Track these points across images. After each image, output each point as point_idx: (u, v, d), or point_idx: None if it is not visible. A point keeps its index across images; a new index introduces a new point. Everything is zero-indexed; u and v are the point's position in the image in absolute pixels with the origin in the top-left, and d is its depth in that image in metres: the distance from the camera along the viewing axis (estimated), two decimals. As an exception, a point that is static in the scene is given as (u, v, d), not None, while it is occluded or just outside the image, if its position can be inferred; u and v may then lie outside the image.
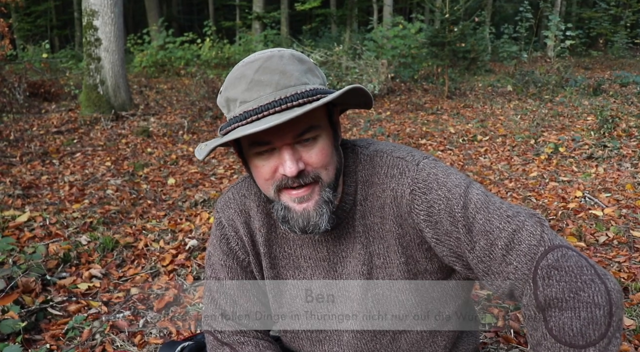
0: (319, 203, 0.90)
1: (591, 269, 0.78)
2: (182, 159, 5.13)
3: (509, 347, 1.90)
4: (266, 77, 0.83)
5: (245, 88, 0.84)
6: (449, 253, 0.90)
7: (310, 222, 0.91)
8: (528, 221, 0.83)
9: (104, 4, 6.96)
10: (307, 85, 0.85)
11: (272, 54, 0.86)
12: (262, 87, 0.83)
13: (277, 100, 0.82)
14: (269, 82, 0.83)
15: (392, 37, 10.72)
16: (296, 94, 0.83)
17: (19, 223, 3.18)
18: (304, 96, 0.83)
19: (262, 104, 0.83)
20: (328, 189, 0.91)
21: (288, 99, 0.82)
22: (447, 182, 0.90)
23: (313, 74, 0.89)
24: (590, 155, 4.55)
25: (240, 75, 0.86)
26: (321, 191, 0.90)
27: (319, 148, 0.89)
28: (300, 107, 0.81)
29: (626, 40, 16.76)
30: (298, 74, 0.85)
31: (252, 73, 0.84)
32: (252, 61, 0.86)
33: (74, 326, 2.09)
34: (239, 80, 0.86)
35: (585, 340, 0.75)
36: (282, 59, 0.85)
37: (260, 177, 0.92)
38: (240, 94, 0.85)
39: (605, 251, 2.65)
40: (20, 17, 20.87)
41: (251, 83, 0.84)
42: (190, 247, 2.88)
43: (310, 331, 1.08)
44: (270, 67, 0.84)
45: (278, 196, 0.92)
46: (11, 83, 7.63)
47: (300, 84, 0.84)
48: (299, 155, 0.87)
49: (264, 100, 0.83)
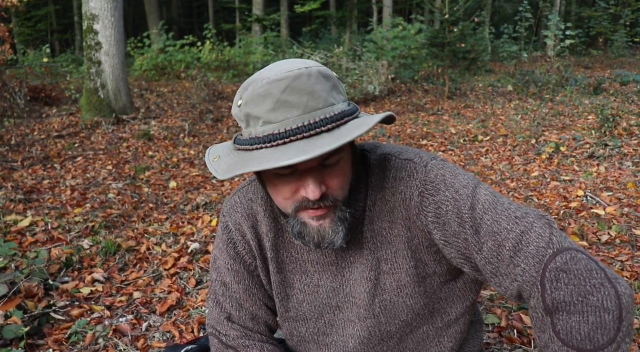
0: (334, 221, 0.89)
1: (601, 273, 0.77)
2: (183, 162, 5.13)
3: (512, 347, 1.90)
4: (294, 97, 0.79)
5: (270, 108, 0.79)
6: (457, 255, 0.90)
7: (325, 239, 0.90)
8: (537, 222, 0.83)
9: (104, 8, 6.97)
10: (334, 107, 0.81)
11: (300, 73, 0.80)
12: (289, 108, 0.79)
13: (306, 126, 0.78)
14: (297, 104, 0.79)
15: (392, 38, 10.73)
16: (325, 119, 0.79)
17: (21, 228, 3.18)
18: (332, 121, 0.80)
19: (289, 128, 0.78)
20: (344, 207, 0.90)
21: (317, 124, 0.79)
22: (454, 183, 0.89)
23: (337, 91, 0.85)
24: (591, 154, 4.55)
25: (265, 93, 0.80)
26: (337, 210, 0.90)
27: (342, 171, 0.88)
28: (328, 132, 0.79)
29: (626, 39, 16.75)
30: (325, 94, 0.81)
31: (278, 93, 0.79)
32: (279, 80, 0.79)
33: (76, 330, 2.09)
34: (264, 98, 0.80)
35: (593, 345, 0.74)
36: (310, 79, 0.80)
37: (278, 195, 0.90)
38: (265, 113, 0.80)
39: (607, 250, 2.65)
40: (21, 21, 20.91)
41: (277, 103, 0.79)
42: (193, 250, 2.88)
43: (316, 336, 1.08)
44: (298, 87, 0.79)
45: (295, 214, 0.90)
46: (12, 87, 7.63)
47: (328, 105, 0.81)
48: (321, 179, 0.86)
49: (292, 124, 0.79)
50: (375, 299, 0.99)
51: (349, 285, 1.01)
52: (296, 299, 1.06)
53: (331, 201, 0.88)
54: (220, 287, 1.09)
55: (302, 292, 1.06)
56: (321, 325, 1.06)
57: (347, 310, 1.03)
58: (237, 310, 1.08)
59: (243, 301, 1.08)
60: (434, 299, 1.00)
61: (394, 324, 1.01)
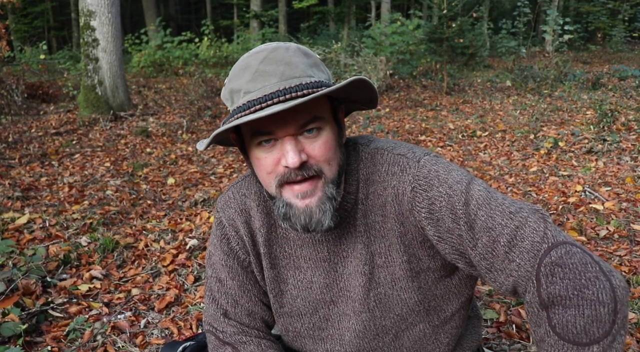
0: (322, 199, 0.88)
1: (596, 266, 0.77)
2: (181, 158, 5.12)
3: (511, 342, 1.90)
4: (271, 67, 0.83)
5: (249, 78, 0.84)
6: (451, 250, 0.89)
7: (312, 219, 0.89)
8: (531, 217, 0.82)
9: (101, 5, 6.94)
10: (312, 78, 0.85)
11: (277, 46, 0.86)
12: (266, 77, 0.83)
13: (282, 90, 0.82)
14: (274, 72, 0.83)
15: (390, 33, 10.71)
16: (301, 85, 0.83)
17: (19, 225, 3.18)
18: (308, 87, 0.83)
19: (266, 93, 0.82)
20: (331, 185, 0.89)
21: (292, 89, 0.82)
22: (448, 179, 0.89)
23: (318, 68, 0.89)
24: (589, 150, 4.55)
25: (245, 66, 0.86)
26: (324, 187, 0.88)
27: (323, 141, 0.88)
28: (304, 97, 0.81)
29: (624, 34, 16.76)
30: (303, 66, 0.85)
31: (257, 63, 0.84)
32: (257, 52, 0.86)
33: (75, 327, 2.09)
34: (244, 71, 0.85)
35: (589, 338, 0.74)
36: (288, 51, 0.85)
37: (262, 170, 0.90)
38: (245, 84, 0.85)
39: (606, 245, 2.65)
40: (17, 18, 20.84)
41: (256, 73, 0.84)
42: (191, 246, 2.87)
43: (311, 331, 1.08)
44: (275, 57, 0.84)
45: (280, 192, 0.89)
46: (9, 85, 7.60)
47: (305, 76, 0.84)
48: (301, 147, 0.86)
49: (268, 90, 0.83)
50: (370, 293, 0.99)
51: (343, 279, 1.01)
52: (290, 294, 1.06)
53: (314, 170, 0.87)
54: (215, 284, 1.09)
55: (295, 288, 1.05)
56: (316, 320, 1.06)
57: (342, 304, 1.03)
58: (233, 306, 1.08)
59: (238, 297, 1.08)
60: (430, 296, 1.00)
61: (388, 318, 1.01)
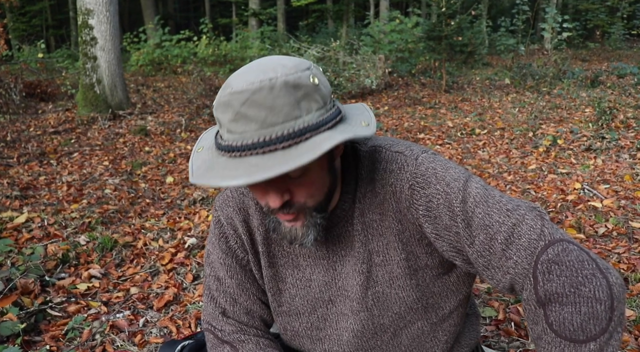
0: (306, 225, 0.90)
1: (592, 263, 0.77)
2: (180, 157, 5.12)
3: (510, 340, 1.90)
4: (252, 111, 0.77)
5: (231, 118, 0.79)
6: (448, 248, 0.89)
7: (297, 239, 0.92)
8: (528, 214, 0.82)
9: (99, 3, 6.92)
10: (298, 121, 0.78)
11: (261, 87, 0.77)
12: (247, 122, 0.78)
13: (261, 143, 0.77)
14: (256, 117, 0.77)
15: (389, 31, 10.70)
16: (282, 136, 0.77)
17: (17, 224, 3.17)
18: (290, 138, 0.77)
19: (245, 142, 0.78)
20: (315, 212, 0.90)
21: (273, 141, 0.77)
22: (445, 176, 0.89)
23: (310, 99, 0.80)
24: (588, 147, 4.55)
25: (227, 103, 0.79)
26: (307, 216, 0.89)
27: (309, 182, 0.86)
28: (284, 149, 0.77)
29: (623, 32, 16.74)
30: (288, 108, 0.78)
31: (238, 106, 0.78)
32: (240, 91, 0.78)
33: (73, 326, 2.09)
34: (226, 107, 0.80)
35: (585, 335, 0.74)
36: (272, 92, 0.77)
37: (253, 194, 0.93)
38: (227, 123, 0.80)
39: (604, 242, 2.65)
40: (15, 17, 20.78)
41: (237, 115, 0.78)
42: (190, 245, 2.87)
43: (310, 330, 1.08)
44: (257, 101, 0.77)
45: (269, 212, 0.92)
46: (7, 84, 7.59)
47: (290, 119, 0.78)
48: (285, 187, 0.85)
49: (248, 138, 0.78)
50: (368, 292, 0.99)
51: (341, 278, 1.01)
52: (289, 293, 1.06)
53: (297, 208, 0.87)
54: (214, 282, 1.09)
55: (294, 286, 1.05)
56: (314, 319, 1.06)
57: (340, 304, 1.03)
58: (232, 305, 1.08)
59: (237, 295, 1.08)
60: (427, 293, 1.00)
61: (387, 317, 1.01)
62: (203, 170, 0.82)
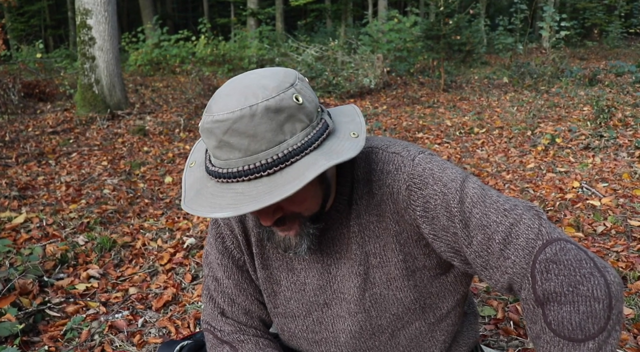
0: (299, 234, 0.91)
1: (590, 262, 0.77)
2: (178, 157, 5.11)
3: (508, 339, 1.90)
4: (235, 140, 0.77)
5: (215, 146, 0.80)
6: (446, 248, 0.89)
7: (290, 247, 0.93)
8: (525, 214, 0.82)
9: (97, 3, 6.91)
10: (282, 146, 0.78)
11: (242, 115, 0.76)
12: (231, 149, 0.78)
13: (245, 171, 0.78)
14: (238, 146, 0.77)
15: (387, 31, 10.71)
16: (265, 164, 0.77)
17: (16, 225, 3.17)
18: (274, 165, 0.78)
19: (230, 170, 0.79)
20: (309, 223, 0.90)
21: (257, 169, 0.78)
22: (443, 177, 0.88)
23: (294, 119, 0.79)
24: (587, 146, 4.55)
25: (210, 130, 0.79)
26: (301, 226, 0.90)
27: (300, 200, 0.86)
28: (269, 176, 0.78)
29: (621, 30, 16.74)
30: (271, 134, 0.77)
31: (221, 134, 0.77)
32: (221, 121, 0.77)
33: (72, 327, 2.08)
34: (210, 134, 0.80)
35: (584, 334, 0.74)
36: (254, 119, 0.76)
37: None
38: (212, 149, 0.81)
39: (603, 241, 2.65)
40: (14, 17, 20.76)
41: (220, 143, 0.78)
42: (188, 245, 2.87)
43: (305, 333, 1.08)
44: (239, 129, 0.76)
45: None
46: (5, 84, 7.58)
47: (273, 145, 0.78)
48: (276, 206, 0.86)
49: (233, 165, 0.79)
50: (365, 293, 0.99)
51: (337, 281, 1.01)
52: (283, 296, 1.06)
53: (289, 221, 0.89)
54: (212, 283, 1.09)
55: (289, 289, 1.05)
56: (310, 323, 1.06)
57: (335, 306, 1.03)
58: (230, 305, 1.08)
59: (235, 296, 1.08)
60: (425, 294, 1.00)
61: (384, 318, 1.01)
62: (194, 193, 0.84)
